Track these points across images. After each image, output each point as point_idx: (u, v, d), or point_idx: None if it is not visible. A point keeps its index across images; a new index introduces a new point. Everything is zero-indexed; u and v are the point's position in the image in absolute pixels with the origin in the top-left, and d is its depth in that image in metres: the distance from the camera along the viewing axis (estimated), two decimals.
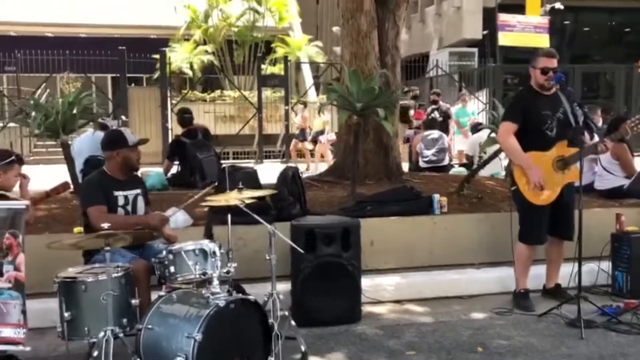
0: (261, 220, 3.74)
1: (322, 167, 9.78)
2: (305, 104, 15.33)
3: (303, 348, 3.80)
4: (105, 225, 3.14)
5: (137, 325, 3.28)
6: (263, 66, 22.43)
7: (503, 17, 16.97)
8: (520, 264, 4.86)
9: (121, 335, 3.21)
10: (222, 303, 3.14)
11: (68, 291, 3.25)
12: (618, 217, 5.19)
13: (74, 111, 5.10)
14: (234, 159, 17.09)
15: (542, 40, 17.10)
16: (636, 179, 5.90)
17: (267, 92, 16.38)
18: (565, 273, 4.90)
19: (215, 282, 3.31)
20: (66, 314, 3.21)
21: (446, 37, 24.13)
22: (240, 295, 3.39)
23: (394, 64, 6.52)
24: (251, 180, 5.32)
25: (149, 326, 3.23)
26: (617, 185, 6.27)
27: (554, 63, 4.62)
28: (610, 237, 5.19)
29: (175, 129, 10.03)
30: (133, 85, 18.90)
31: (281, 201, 5.19)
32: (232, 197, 3.74)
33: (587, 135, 4.94)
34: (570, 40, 23.16)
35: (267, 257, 3.67)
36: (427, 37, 26.01)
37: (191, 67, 20.17)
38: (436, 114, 11.17)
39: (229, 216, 3.92)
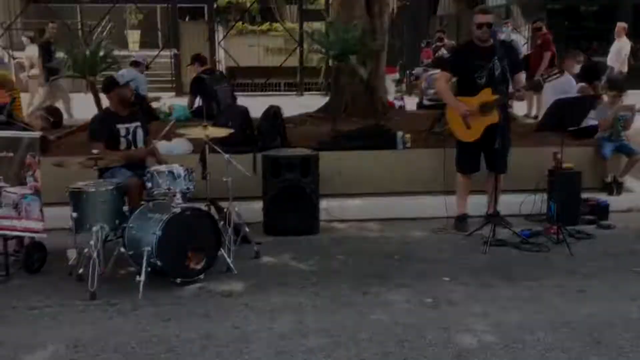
0: (219, 150, 4.82)
1: None
2: None
3: (255, 248, 4.96)
4: (95, 150, 4.30)
5: (124, 225, 4.49)
6: None
7: None
8: (458, 190, 5.76)
9: (107, 228, 4.40)
10: (178, 210, 4.30)
11: (75, 198, 4.46)
12: (554, 155, 5.91)
13: (97, 57, 6.30)
14: (285, 90, 18.15)
15: None
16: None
17: (314, 26, 17.01)
18: (513, 203, 5.86)
19: (178, 195, 4.45)
20: (74, 214, 4.44)
21: None
22: (194, 205, 4.53)
23: (381, 13, 7.26)
24: (241, 116, 6.38)
25: (131, 225, 4.44)
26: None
27: (488, 18, 5.33)
28: (547, 172, 5.97)
29: None
30: (187, 18, 20.00)
31: (263, 135, 6.24)
32: (198, 132, 4.80)
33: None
34: None
35: (224, 179, 4.76)
36: None
37: None
38: (443, 52, 11.59)
39: (206, 147, 4.99)
